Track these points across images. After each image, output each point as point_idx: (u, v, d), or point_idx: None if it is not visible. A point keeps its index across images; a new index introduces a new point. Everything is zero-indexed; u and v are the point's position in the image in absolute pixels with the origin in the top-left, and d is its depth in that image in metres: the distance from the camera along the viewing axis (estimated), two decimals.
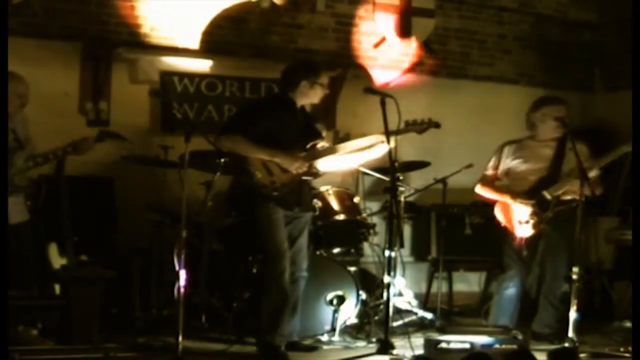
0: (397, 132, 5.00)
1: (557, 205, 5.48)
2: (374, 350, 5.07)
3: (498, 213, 5.71)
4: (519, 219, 5.57)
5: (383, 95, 5.05)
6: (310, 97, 5.21)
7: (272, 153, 5.02)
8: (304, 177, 5.17)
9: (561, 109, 5.60)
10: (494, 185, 5.77)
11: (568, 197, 5.45)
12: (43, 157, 5.01)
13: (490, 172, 5.79)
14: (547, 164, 5.62)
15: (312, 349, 5.26)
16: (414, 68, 7.51)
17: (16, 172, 4.95)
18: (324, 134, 5.53)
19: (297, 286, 5.17)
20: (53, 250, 5.31)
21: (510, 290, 5.68)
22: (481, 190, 5.80)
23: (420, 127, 5.10)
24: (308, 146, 5.14)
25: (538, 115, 5.67)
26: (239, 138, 5.02)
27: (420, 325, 6.03)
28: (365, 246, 6.29)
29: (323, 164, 5.23)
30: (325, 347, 5.33)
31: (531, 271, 5.74)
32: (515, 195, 5.59)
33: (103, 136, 5.16)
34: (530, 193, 5.57)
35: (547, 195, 5.49)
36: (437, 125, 5.11)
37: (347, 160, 5.33)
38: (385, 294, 5.20)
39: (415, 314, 6.16)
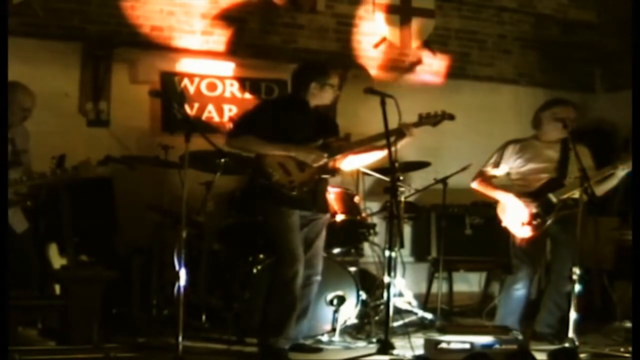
0: (412, 126, 4.97)
1: (562, 210, 5.47)
2: (374, 351, 5.05)
3: (500, 212, 5.70)
4: (520, 219, 5.56)
5: (383, 95, 5.02)
6: (321, 98, 5.13)
7: (287, 147, 4.95)
8: (323, 175, 5.08)
9: (570, 112, 5.58)
10: (493, 182, 5.75)
11: (575, 196, 5.43)
12: (40, 175, 4.89)
13: (489, 168, 5.76)
14: (553, 166, 5.60)
15: (316, 350, 5.22)
16: (414, 68, 7.51)
17: (10, 186, 4.79)
18: None
19: (311, 290, 5.13)
20: (53, 250, 5.31)
21: (520, 292, 5.63)
22: (478, 186, 5.75)
23: (434, 119, 5.06)
24: (320, 142, 5.04)
25: (547, 114, 5.64)
26: (250, 137, 4.96)
27: (421, 326, 6.03)
28: (366, 246, 6.29)
29: (345, 162, 5.20)
30: (325, 347, 5.32)
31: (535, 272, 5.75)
32: (520, 195, 5.58)
33: (107, 161, 5.13)
34: (535, 194, 5.55)
35: (553, 199, 5.48)
36: (451, 117, 5.08)
37: (368, 156, 5.25)
38: (385, 294, 5.19)
39: (416, 314, 6.15)
